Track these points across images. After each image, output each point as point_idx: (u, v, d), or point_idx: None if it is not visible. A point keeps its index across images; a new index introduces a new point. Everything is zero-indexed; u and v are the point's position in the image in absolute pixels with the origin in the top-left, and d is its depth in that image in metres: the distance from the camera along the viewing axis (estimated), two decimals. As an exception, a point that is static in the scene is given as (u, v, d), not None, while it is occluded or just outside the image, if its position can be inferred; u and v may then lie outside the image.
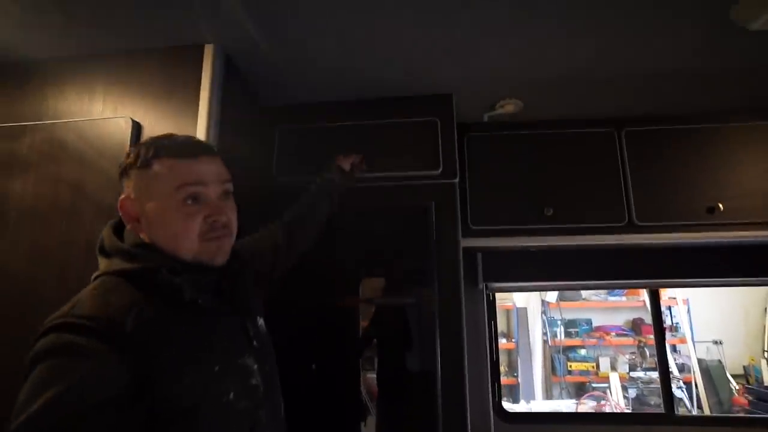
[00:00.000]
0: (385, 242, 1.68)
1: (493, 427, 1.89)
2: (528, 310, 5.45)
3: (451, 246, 1.53)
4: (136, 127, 1.23)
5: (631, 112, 1.74)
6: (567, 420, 2.01)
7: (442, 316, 1.48)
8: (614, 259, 1.96)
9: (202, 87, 1.24)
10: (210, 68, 1.25)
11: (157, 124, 1.23)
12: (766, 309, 5.50)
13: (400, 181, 1.57)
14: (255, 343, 0.81)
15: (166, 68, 1.27)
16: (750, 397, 4.74)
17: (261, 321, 0.87)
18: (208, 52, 1.26)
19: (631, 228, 1.68)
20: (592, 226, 1.70)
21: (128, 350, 0.62)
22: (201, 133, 1.20)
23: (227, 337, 0.76)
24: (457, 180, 1.57)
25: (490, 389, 1.95)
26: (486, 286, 2.04)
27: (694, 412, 4.87)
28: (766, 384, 4.97)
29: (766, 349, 5.33)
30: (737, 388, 4.98)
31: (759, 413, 4.43)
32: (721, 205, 1.64)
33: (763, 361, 5.28)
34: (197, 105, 1.22)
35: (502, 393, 1.97)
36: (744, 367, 5.45)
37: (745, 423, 1.89)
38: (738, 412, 4.67)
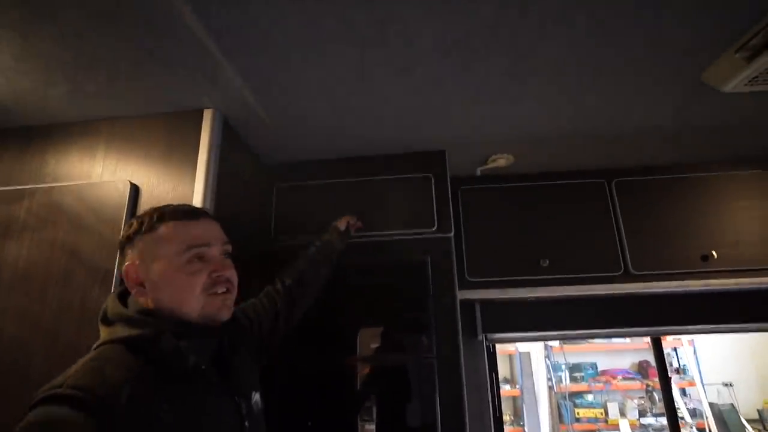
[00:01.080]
0: (383, 295, 1.67)
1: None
2: (531, 355, 5.32)
3: (449, 299, 1.52)
4: (134, 190, 1.25)
5: (620, 163, 1.79)
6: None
7: (441, 369, 1.46)
8: (614, 307, 1.95)
9: (200, 149, 1.27)
10: (209, 131, 1.29)
11: (155, 187, 1.25)
12: (774, 349, 5.38)
13: (396, 236, 1.58)
14: (246, 423, 0.79)
15: (166, 132, 1.31)
16: (767, 444, 4.56)
17: (256, 396, 0.86)
18: (207, 116, 1.31)
19: (628, 277, 1.68)
20: (589, 276, 1.70)
21: (118, 426, 0.60)
22: (198, 193, 1.22)
23: (218, 419, 0.75)
24: (452, 234, 1.58)
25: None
26: (486, 337, 2.00)
27: (711, 461, 4.67)
28: (782, 429, 4.79)
29: (778, 391, 5.17)
30: (752, 433, 4.79)
31: (778, 462, 4.25)
32: (714, 253, 1.65)
33: (777, 405, 5.11)
34: (195, 166, 1.25)
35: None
36: (758, 411, 5.27)
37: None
38: (756, 460, 4.48)
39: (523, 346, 5.37)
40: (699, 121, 1.46)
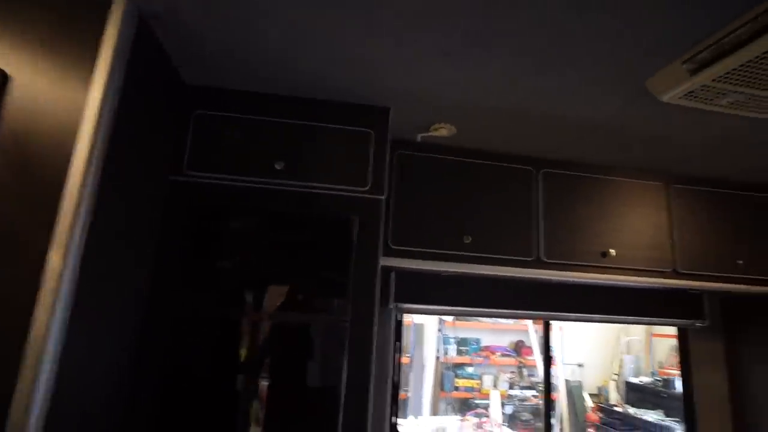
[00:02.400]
0: (301, 250, 1.56)
1: (387, 450, 1.85)
2: (425, 327, 5.61)
3: (371, 264, 1.47)
4: (2, 77, 0.96)
5: (550, 154, 1.85)
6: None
7: (353, 334, 1.42)
8: (515, 290, 2.07)
9: (103, 45, 1.01)
10: (117, 24, 1.03)
11: (33, 79, 0.97)
12: (619, 338, 6.32)
13: (325, 190, 1.46)
14: None
15: (54, 9, 1.02)
16: (601, 414, 5.38)
17: None
18: (118, 4, 1.04)
19: (539, 264, 1.77)
20: (505, 258, 1.76)
21: None
22: (94, 102, 0.97)
23: None
24: (384, 197, 1.51)
25: (389, 410, 1.91)
26: (396, 306, 2.00)
27: (557, 427, 5.39)
28: (612, 403, 5.70)
29: (615, 372, 6.10)
30: (592, 406, 5.63)
31: (607, 428, 5.04)
32: (613, 251, 1.80)
33: (612, 383, 6.04)
34: (93, 66, 1.00)
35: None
36: (598, 387, 6.19)
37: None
38: (590, 427, 5.27)
39: (419, 318, 5.63)
40: (630, 126, 1.55)
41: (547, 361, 2.36)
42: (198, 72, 1.40)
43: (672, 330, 6.14)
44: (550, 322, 2.26)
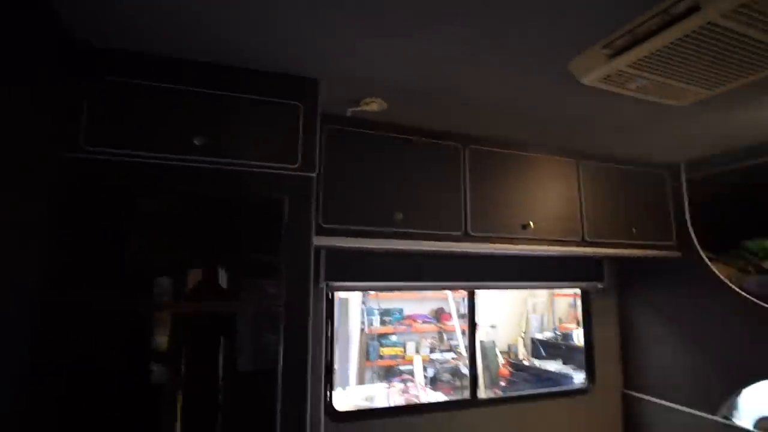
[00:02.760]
0: (226, 233, 1.45)
1: (323, 428, 1.85)
2: (349, 301, 5.67)
3: (304, 245, 1.40)
4: None
5: (476, 131, 1.90)
6: (388, 414, 2.11)
7: (288, 317, 1.36)
8: (443, 263, 2.15)
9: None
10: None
11: None
12: (526, 301, 6.94)
13: (252, 167, 1.35)
14: None
15: None
16: (510, 369, 5.93)
17: None
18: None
19: (467, 237, 1.84)
20: (436, 233, 1.79)
21: None
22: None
23: None
24: (315, 174, 1.44)
25: (323, 390, 1.90)
26: (327, 285, 1.97)
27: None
28: (520, 358, 6.30)
29: (523, 331, 6.72)
30: (503, 362, 6.18)
31: (516, 381, 5.58)
32: (532, 224, 1.93)
33: (520, 341, 6.66)
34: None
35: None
36: (508, 345, 6.78)
37: (528, 399, 2.32)
38: (502, 381, 5.79)
39: (344, 293, 5.66)
40: (552, 107, 1.64)
41: (472, 327, 2.51)
42: (97, 32, 1.18)
43: (570, 290, 6.87)
44: (475, 290, 2.39)
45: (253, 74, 1.39)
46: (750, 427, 1.99)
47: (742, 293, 2.00)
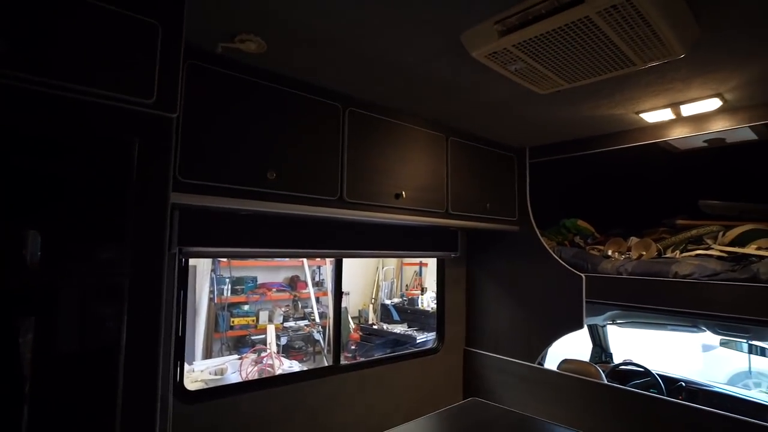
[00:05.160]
0: (51, 184, 1.09)
1: (171, 410, 1.62)
2: (197, 269, 5.16)
3: (158, 202, 1.15)
4: None
5: (357, 93, 1.82)
6: (245, 389, 1.97)
7: (134, 288, 1.12)
8: (310, 230, 2.05)
9: None
10: None
11: None
12: (377, 269, 7.33)
13: (90, 95, 1.03)
14: None
15: None
16: (361, 333, 6.23)
17: None
18: None
19: (342, 203, 1.77)
20: (311, 197, 1.68)
21: None
22: None
23: None
24: (175, 116, 1.19)
25: (172, 369, 1.66)
26: (180, 250, 1.70)
27: (326, 348, 5.96)
28: (370, 322, 6.67)
29: (374, 297, 7.10)
30: (353, 326, 6.45)
31: (367, 344, 5.90)
32: (404, 193, 1.96)
33: (370, 306, 7.03)
34: None
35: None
36: (359, 310, 7.11)
37: (386, 361, 2.42)
38: (352, 345, 6.06)
39: (192, 260, 5.12)
40: (436, 76, 1.64)
41: (338, 295, 2.49)
42: None
43: (416, 259, 7.45)
44: (342, 261, 2.36)
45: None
46: (555, 368, 2.45)
47: (560, 261, 2.41)
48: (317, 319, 6.19)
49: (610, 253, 2.46)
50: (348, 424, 2.08)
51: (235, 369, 4.11)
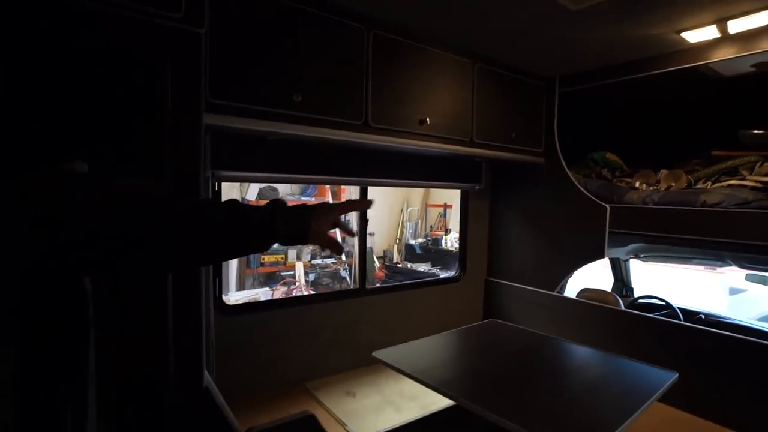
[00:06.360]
0: (83, 101, 1.15)
1: (213, 321, 1.78)
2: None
3: (193, 123, 1.20)
4: None
5: (382, 14, 1.77)
6: (277, 306, 2.12)
7: None
8: (336, 157, 2.09)
9: None
10: None
11: None
12: (402, 210, 7.41)
13: (115, 8, 1.06)
14: None
15: None
16: (386, 271, 6.45)
17: None
18: None
19: (366, 128, 1.79)
20: (336, 120, 1.71)
21: None
22: None
23: None
24: (204, 32, 1.21)
25: (212, 285, 1.80)
26: (213, 174, 1.78)
27: (352, 285, 6.22)
28: (394, 261, 6.87)
29: (398, 238, 7.25)
30: (378, 266, 6.67)
31: (390, 281, 6.12)
32: (428, 120, 1.96)
33: (395, 246, 7.20)
34: None
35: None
36: (384, 251, 7.30)
37: (409, 287, 2.55)
38: (377, 282, 6.30)
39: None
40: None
41: (364, 225, 2.57)
42: None
43: (440, 200, 7.48)
44: (367, 188, 2.41)
45: None
46: (574, 297, 2.51)
47: (585, 192, 2.39)
48: (343, 257, 6.41)
49: (637, 185, 2.42)
50: (373, 341, 2.24)
51: (267, 298, 4.38)
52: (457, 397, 1.36)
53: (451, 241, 6.18)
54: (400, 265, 6.30)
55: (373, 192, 2.43)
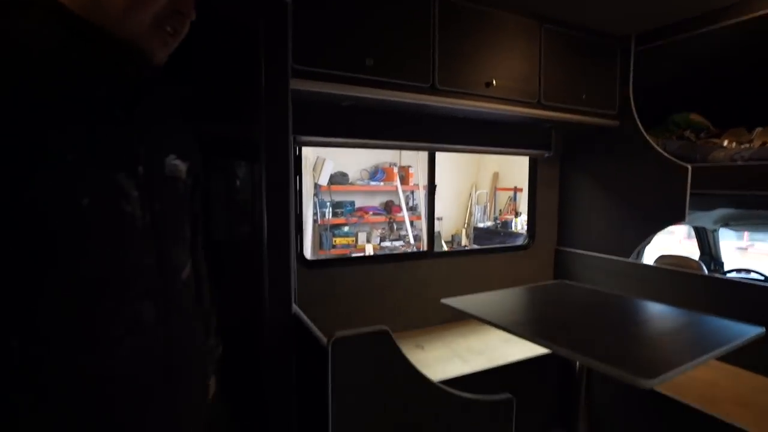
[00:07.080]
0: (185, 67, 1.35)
1: (296, 272, 1.99)
2: (302, 194, 5.72)
3: (281, 87, 1.36)
4: None
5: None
6: (352, 263, 2.29)
7: (269, 173, 1.34)
8: (405, 122, 2.19)
9: None
10: None
11: None
12: (470, 194, 7.37)
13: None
14: (141, 168, 0.64)
15: None
16: (453, 256, 6.45)
17: (176, 161, 0.72)
18: None
19: (434, 90, 1.88)
20: (405, 84, 1.81)
21: None
22: None
23: (97, 137, 0.60)
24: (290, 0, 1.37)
25: (294, 241, 2.00)
26: (295, 138, 1.97)
27: (419, 269, 6.34)
28: (463, 244, 6.87)
29: (466, 222, 7.23)
30: (446, 249, 6.72)
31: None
32: (494, 82, 2.00)
33: (463, 231, 7.19)
34: None
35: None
36: (452, 235, 7.31)
37: (477, 253, 2.60)
38: (444, 267, 6.35)
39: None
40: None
41: (432, 186, 2.65)
42: None
43: (510, 184, 7.32)
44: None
45: None
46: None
47: (664, 153, 2.28)
48: (411, 241, 6.54)
49: (725, 144, 2.26)
50: (439, 301, 2.34)
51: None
52: (524, 334, 1.38)
53: (522, 223, 6.06)
54: (468, 248, 6.30)
55: (440, 173, 2.49)
